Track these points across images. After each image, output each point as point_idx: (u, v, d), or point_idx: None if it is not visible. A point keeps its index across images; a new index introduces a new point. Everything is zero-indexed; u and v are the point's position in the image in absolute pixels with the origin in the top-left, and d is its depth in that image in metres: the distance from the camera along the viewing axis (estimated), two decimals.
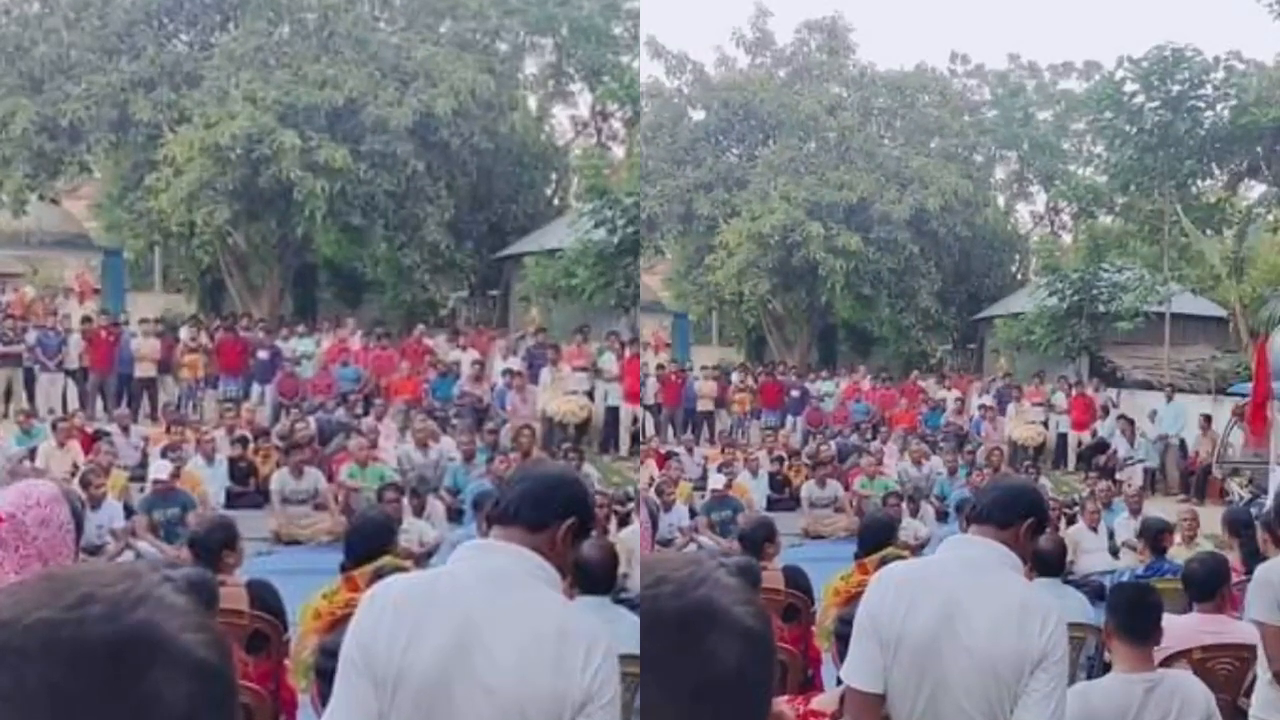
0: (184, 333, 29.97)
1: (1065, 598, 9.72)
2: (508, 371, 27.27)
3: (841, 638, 6.72)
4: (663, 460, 24.14)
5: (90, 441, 20.91)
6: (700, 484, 23.06)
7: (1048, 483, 25.27)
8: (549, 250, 33.77)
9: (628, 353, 27.37)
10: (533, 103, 43.34)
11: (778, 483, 24.79)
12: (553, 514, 4.09)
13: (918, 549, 15.96)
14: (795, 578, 10.51)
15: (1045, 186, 49.46)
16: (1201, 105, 35.75)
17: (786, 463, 25.59)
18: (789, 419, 32.86)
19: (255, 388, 28.58)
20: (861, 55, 46.65)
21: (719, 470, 22.76)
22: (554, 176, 42.84)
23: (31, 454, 20.59)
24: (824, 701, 6.45)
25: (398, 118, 32.14)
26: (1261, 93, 36.03)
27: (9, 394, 28.03)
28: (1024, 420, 31.81)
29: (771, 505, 22.88)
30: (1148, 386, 34.22)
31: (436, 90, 32.81)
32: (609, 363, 27.46)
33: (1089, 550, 17.72)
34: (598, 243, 31.32)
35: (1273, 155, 37.09)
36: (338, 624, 6.91)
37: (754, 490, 23.24)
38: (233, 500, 19.59)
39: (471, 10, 37.13)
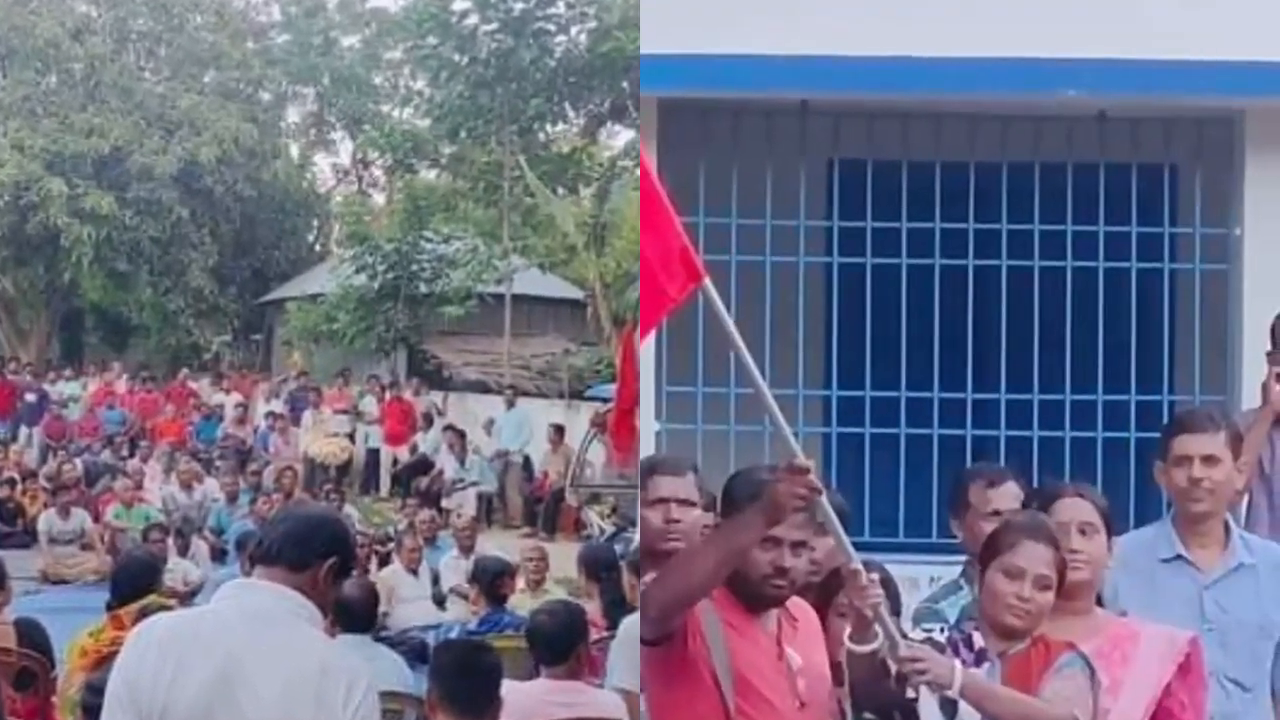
0: None
1: (377, 659, 8.14)
2: (270, 414, 27.35)
3: (90, 710, 5.31)
4: None
5: None
6: None
7: (355, 512, 20.37)
8: (311, 295, 32.83)
9: (388, 395, 27.16)
10: (295, 151, 42.61)
11: (8, 512, 20.12)
12: (314, 554, 4.05)
13: (188, 596, 13.63)
14: (31, 634, 8.36)
15: (351, 133, 41.80)
16: (552, 29, 29.22)
17: (20, 486, 21.03)
18: (23, 430, 27.46)
19: (22, 430, 27.91)
20: None
21: None
22: (316, 223, 42.12)
23: None
24: None
25: (162, 165, 31.72)
26: (628, 13, 28.56)
27: None
28: (324, 432, 26.26)
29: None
30: (483, 389, 28.13)
31: (200, 139, 32.46)
32: (370, 405, 27.43)
33: (407, 599, 14.55)
34: (359, 288, 30.40)
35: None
36: (104, 661, 6.85)
37: None
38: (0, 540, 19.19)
39: (235, 60, 36.67)
